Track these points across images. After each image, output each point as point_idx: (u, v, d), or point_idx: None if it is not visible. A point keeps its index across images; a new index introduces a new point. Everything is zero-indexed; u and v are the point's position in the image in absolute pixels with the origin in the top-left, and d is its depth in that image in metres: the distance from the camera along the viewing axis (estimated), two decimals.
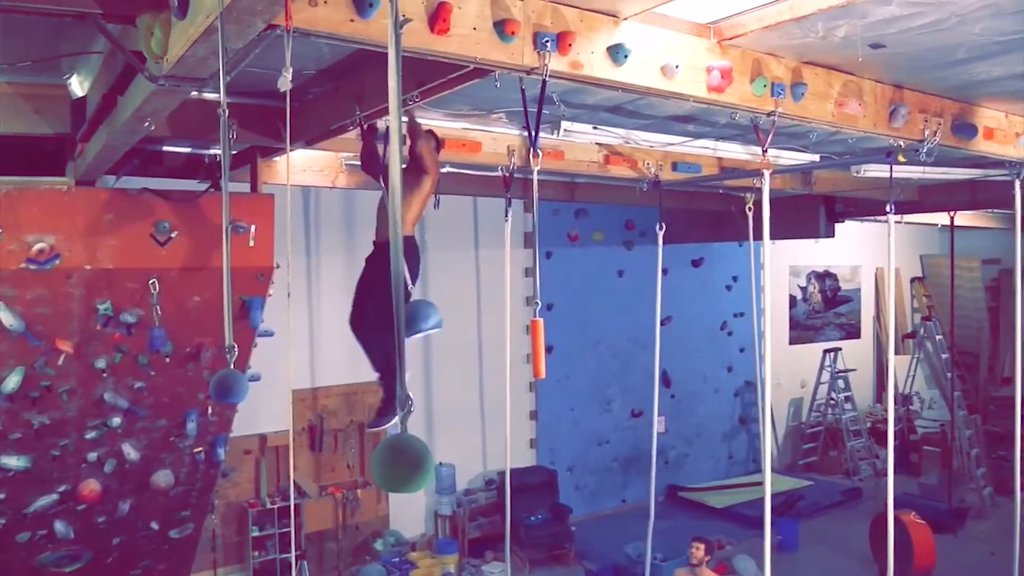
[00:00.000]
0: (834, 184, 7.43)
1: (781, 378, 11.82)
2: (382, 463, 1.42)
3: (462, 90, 3.65)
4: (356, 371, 7.95)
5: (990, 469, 10.21)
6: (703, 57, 3.37)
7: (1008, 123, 5.01)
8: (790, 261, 11.98)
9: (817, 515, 9.85)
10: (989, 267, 13.38)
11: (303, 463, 8.18)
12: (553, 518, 8.93)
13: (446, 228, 8.61)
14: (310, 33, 2.50)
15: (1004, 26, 3.31)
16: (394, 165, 1.43)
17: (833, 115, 3.97)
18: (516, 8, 2.84)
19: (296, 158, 5.74)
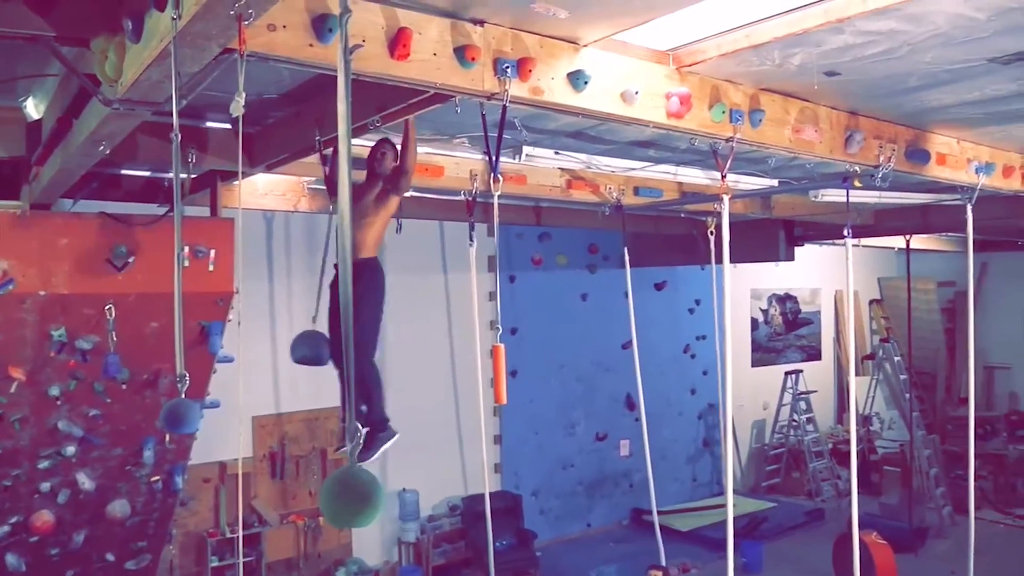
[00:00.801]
0: (793, 208, 7.55)
1: (744, 400, 11.91)
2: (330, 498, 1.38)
3: (424, 115, 3.67)
4: (318, 397, 7.87)
5: (949, 488, 10.35)
6: (662, 83, 3.42)
7: (960, 149, 5.13)
8: (752, 284, 12.11)
9: (781, 537, 9.89)
10: (944, 289, 13.64)
11: (264, 491, 8.04)
12: (518, 543, 8.87)
13: (412, 252, 8.58)
14: (269, 57, 2.49)
15: (953, 55, 3.40)
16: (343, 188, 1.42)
17: (790, 141, 4.04)
18: (476, 34, 2.86)
19: (258, 182, 5.70)
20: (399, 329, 8.71)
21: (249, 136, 4.71)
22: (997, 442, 11.60)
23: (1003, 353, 13.40)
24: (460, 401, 9.00)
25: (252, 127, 4.65)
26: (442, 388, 9.03)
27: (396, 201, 4.05)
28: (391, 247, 8.30)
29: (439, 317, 8.98)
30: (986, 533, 9.47)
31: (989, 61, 3.49)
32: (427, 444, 8.93)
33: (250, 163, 4.72)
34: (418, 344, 8.83)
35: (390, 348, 8.65)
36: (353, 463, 1.40)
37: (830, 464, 11.77)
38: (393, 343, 8.67)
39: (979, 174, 5.21)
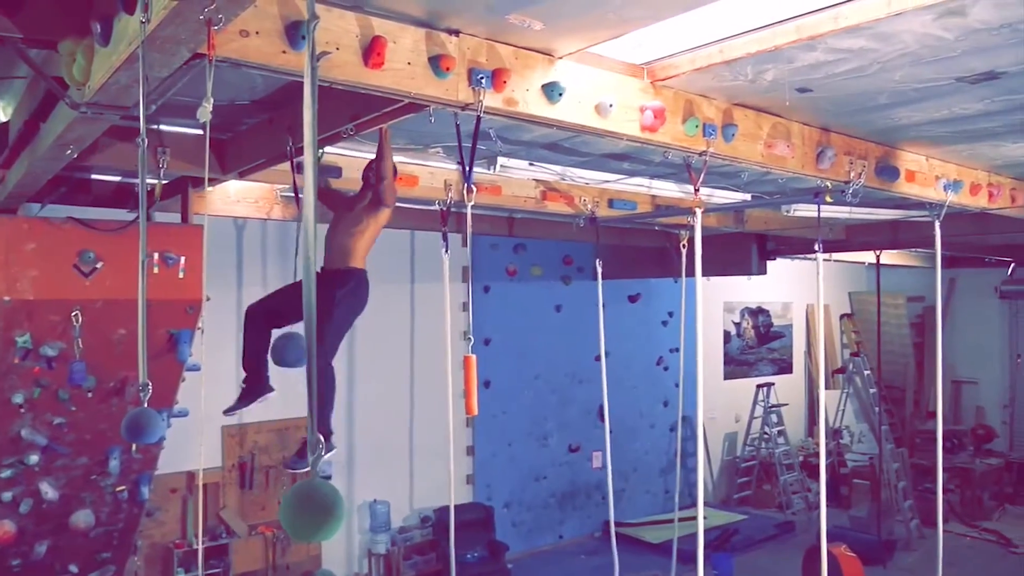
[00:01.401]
0: (766, 223, 7.62)
1: (716, 412, 11.96)
2: (291, 511, 1.35)
3: (398, 124, 3.66)
4: (288, 407, 7.78)
5: (917, 501, 10.45)
6: (637, 97, 3.43)
7: (928, 166, 5.20)
8: (724, 297, 12.19)
9: (751, 549, 9.93)
10: (914, 304, 13.83)
11: (233, 501, 7.94)
12: (489, 556, 8.83)
13: (384, 262, 8.54)
14: (241, 64, 2.47)
15: (922, 74, 3.45)
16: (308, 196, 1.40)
17: (763, 156, 4.07)
18: (451, 44, 2.86)
19: (230, 189, 5.66)
20: (370, 339, 8.67)
21: (221, 142, 4.67)
22: (964, 456, 11.76)
23: (970, 368, 13.61)
24: (432, 412, 8.95)
25: (225, 133, 4.61)
26: (414, 398, 8.99)
27: (386, 212, 4.07)
28: None
29: (410, 327, 8.94)
30: (953, 546, 9.59)
31: (957, 80, 3.54)
32: (399, 455, 8.89)
33: (222, 170, 4.68)
34: (390, 354, 8.79)
35: (361, 358, 8.61)
36: (314, 475, 1.37)
37: (801, 477, 11.84)
38: (365, 353, 8.63)
39: (947, 191, 5.28)
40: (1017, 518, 11.19)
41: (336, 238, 4.11)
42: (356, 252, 4.10)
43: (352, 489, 8.59)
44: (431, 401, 8.92)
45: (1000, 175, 5.85)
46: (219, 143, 4.67)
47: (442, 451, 7.45)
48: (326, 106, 3.52)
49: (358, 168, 4.94)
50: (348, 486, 8.55)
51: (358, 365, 8.58)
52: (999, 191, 5.81)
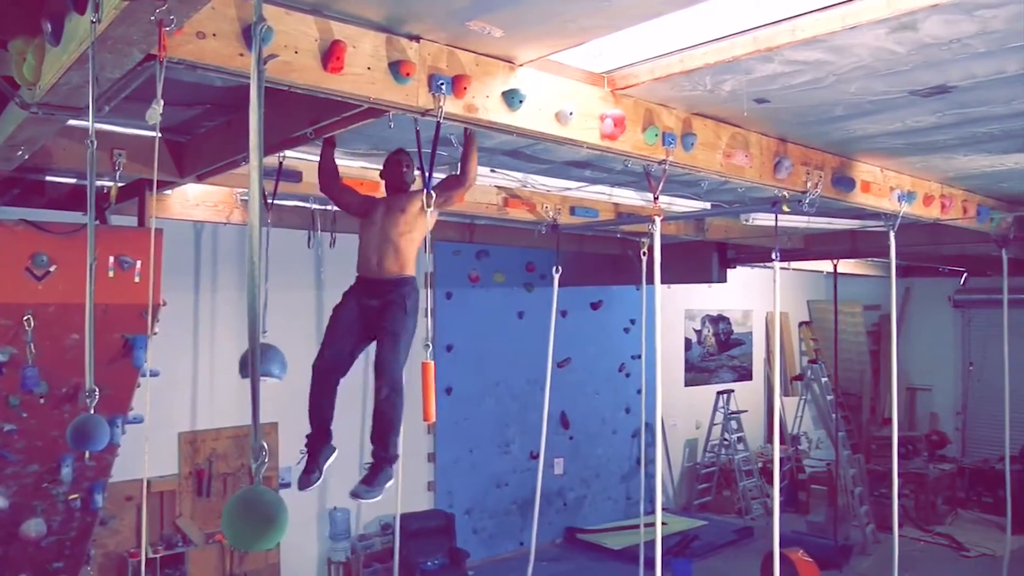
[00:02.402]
0: (726, 231, 7.70)
1: (677, 419, 12.05)
2: (232, 518, 1.33)
3: (360, 129, 3.64)
4: (247, 413, 7.70)
5: (872, 506, 10.61)
6: (597, 105, 3.45)
7: (883, 177, 5.30)
8: (686, 305, 12.28)
9: (711, 554, 10.00)
10: (870, 312, 14.06)
11: (189, 509, 7.82)
12: (450, 563, 8.79)
13: (346, 267, 8.49)
14: (197, 66, 2.44)
15: (876, 87, 3.52)
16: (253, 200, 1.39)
17: (721, 165, 4.12)
18: (412, 50, 2.85)
19: (189, 192, 5.58)
20: None
21: (179, 145, 4.61)
22: (918, 461, 11.96)
23: (924, 375, 13.86)
24: None
25: (183, 136, 4.55)
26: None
27: (434, 217, 3.84)
28: (327, 262, 8.23)
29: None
30: (907, 550, 9.73)
31: (910, 94, 3.61)
32: (360, 461, 8.81)
33: (179, 172, 4.62)
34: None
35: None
36: (258, 482, 1.35)
37: (760, 482, 11.97)
38: None
39: (901, 202, 5.37)
40: (969, 522, 11.41)
41: (388, 242, 3.85)
42: (413, 258, 3.93)
43: (314, 496, 8.50)
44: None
45: (952, 187, 5.97)
46: (177, 146, 4.61)
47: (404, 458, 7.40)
48: (286, 110, 3.51)
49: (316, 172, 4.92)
50: (310, 493, 8.46)
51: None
52: (951, 202, 5.93)
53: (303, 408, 8.93)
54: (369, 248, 3.94)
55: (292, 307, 8.17)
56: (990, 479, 11.56)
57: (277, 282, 5.01)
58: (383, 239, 3.86)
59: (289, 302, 8.14)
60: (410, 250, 3.87)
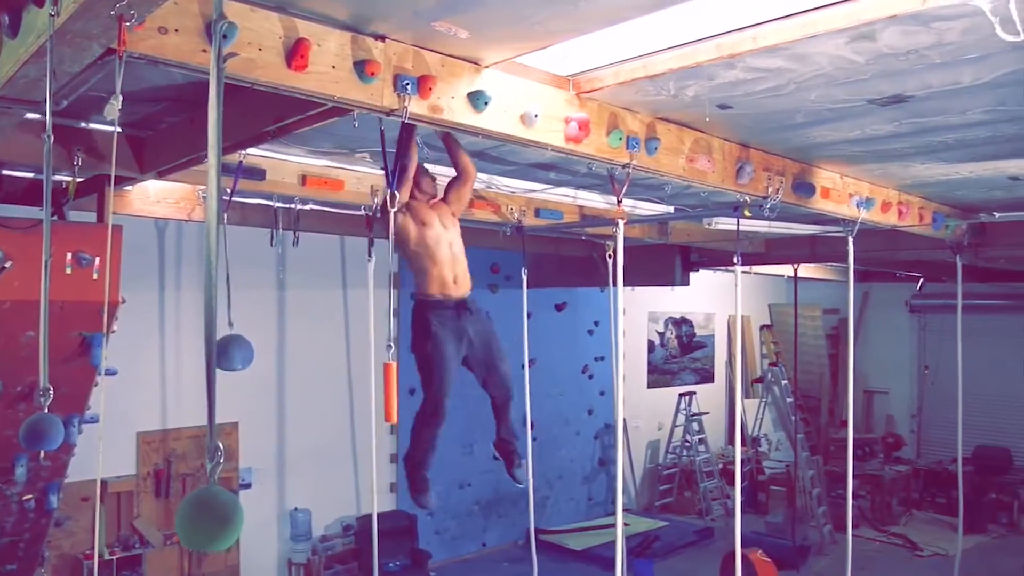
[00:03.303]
0: (689, 235, 7.77)
1: (639, 421, 12.13)
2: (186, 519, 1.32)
3: (325, 128, 3.62)
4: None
5: (830, 507, 10.78)
6: (562, 108, 3.47)
7: (842, 184, 5.39)
8: (649, 307, 12.38)
9: (672, 555, 10.09)
10: (830, 316, 14.27)
11: (148, 510, 7.71)
12: (412, 564, 8.77)
13: (311, 267, 8.45)
14: (158, 61, 2.41)
15: (836, 95, 3.58)
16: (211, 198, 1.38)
17: (685, 169, 4.16)
18: (377, 49, 2.84)
19: (150, 188, 5.50)
20: (297, 345, 8.55)
21: (140, 141, 4.55)
22: (875, 463, 12.18)
23: (882, 378, 14.11)
24: (356, 419, 8.87)
25: (144, 131, 4.49)
26: (338, 405, 8.89)
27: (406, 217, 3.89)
28: (291, 262, 8.18)
29: (337, 334, 8.85)
30: (863, 550, 9.91)
31: (868, 102, 3.68)
32: (321, 462, 8.77)
33: (140, 169, 4.55)
34: (315, 360, 8.68)
35: (289, 365, 8.48)
36: (213, 482, 1.34)
37: (720, 484, 12.10)
38: (292, 360, 8.50)
39: (860, 208, 5.47)
40: (923, 523, 11.65)
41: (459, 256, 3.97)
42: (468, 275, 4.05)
43: (275, 497, 8.44)
44: (356, 409, 8.84)
45: (910, 194, 6.09)
46: (138, 141, 4.55)
47: (366, 458, 7.40)
48: (250, 107, 3.49)
49: (281, 170, 4.89)
50: (271, 494, 8.41)
51: (285, 372, 8.45)
52: (908, 209, 6.05)
53: (264, 408, 8.88)
54: (444, 266, 3.89)
55: (254, 306, 8.10)
56: (944, 480, 11.81)
57: (240, 281, 4.97)
58: (454, 252, 3.93)
59: (251, 301, 8.07)
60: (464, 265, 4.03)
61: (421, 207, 3.93)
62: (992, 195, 6.09)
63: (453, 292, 3.90)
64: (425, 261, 3.81)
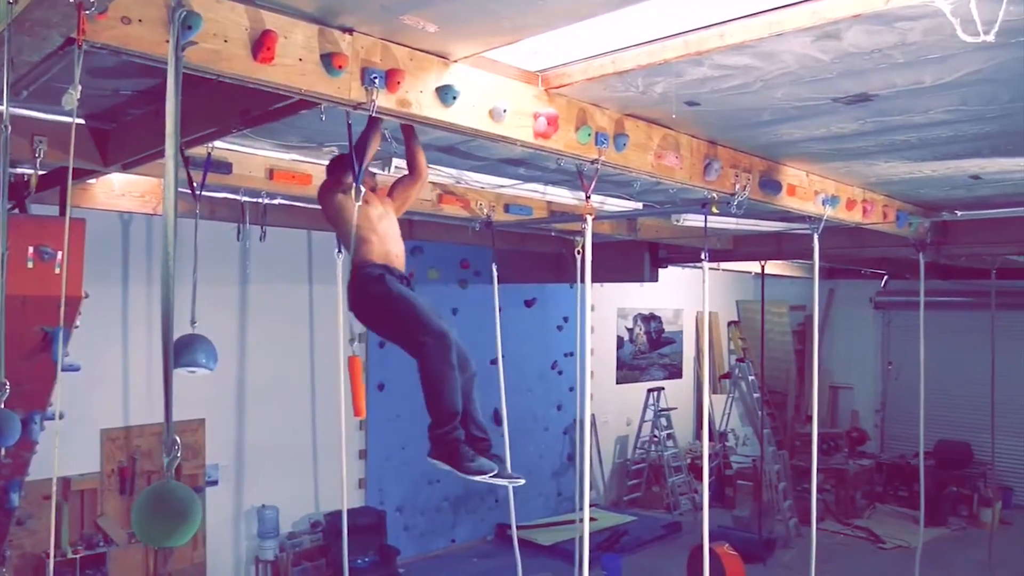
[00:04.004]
0: (657, 231, 7.82)
1: (608, 416, 12.20)
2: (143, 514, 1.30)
3: (292, 121, 3.59)
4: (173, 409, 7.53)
5: (796, 501, 10.92)
6: (531, 103, 3.47)
7: (809, 181, 5.44)
8: (618, 303, 12.44)
9: (640, 549, 10.16)
10: (796, 313, 14.45)
11: (112, 508, 7.60)
12: (380, 561, 8.74)
13: (277, 261, 8.38)
14: (121, 51, 2.37)
15: (801, 93, 3.61)
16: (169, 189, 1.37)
17: (653, 166, 4.18)
18: (345, 42, 2.82)
19: (114, 182, 5.43)
20: (264, 341, 8.48)
21: (104, 133, 4.48)
22: (839, 457, 12.34)
23: (847, 374, 14.32)
24: (323, 415, 8.81)
25: (109, 123, 4.42)
26: (306, 402, 8.83)
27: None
28: (257, 257, 8.11)
29: (304, 329, 8.78)
30: (828, 543, 10.05)
31: (833, 101, 3.72)
32: (289, 459, 8.71)
33: (104, 161, 4.48)
34: (283, 356, 8.61)
35: (253, 360, 8.41)
36: (169, 478, 1.33)
37: (688, 478, 12.20)
38: (257, 355, 8.43)
39: (825, 206, 5.53)
40: (886, 516, 11.84)
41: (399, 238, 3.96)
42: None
43: (242, 494, 8.37)
44: (324, 404, 8.79)
45: (874, 192, 6.17)
46: (102, 133, 4.47)
47: (334, 455, 7.35)
48: (216, 100, 3.45)
49: (248, 164, 4.85)
50: (237, 491, 8.34)
51: (252, 369, 8.38)
52: (872, 207, 6.13)
53: (231, 404, 8.80)
54: (388, 240, 3.85)
55: (220, 302, 8.02)
56: (906, 474, 12.01)
57: (205, 275, 4.92)
58: (396, 234, 3.89)
59: (217, 297, 8.00)
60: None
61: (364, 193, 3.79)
62: (954, 194, 6.19)
63: (396, 264, 3.85)
64: (368, 233, 3.73)
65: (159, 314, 5.89)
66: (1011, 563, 9.58)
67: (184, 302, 4.76)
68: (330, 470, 8.86)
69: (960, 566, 9.67)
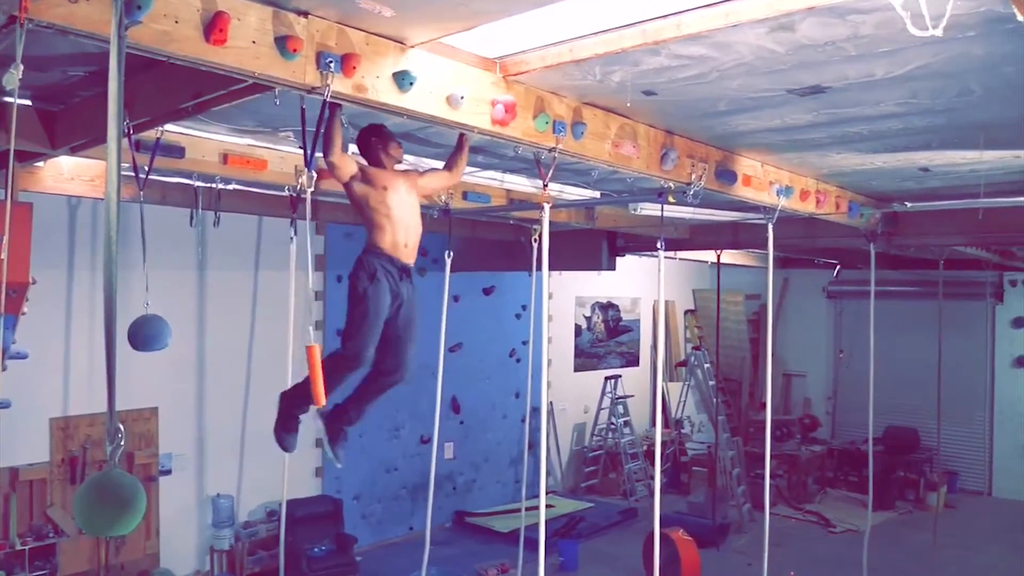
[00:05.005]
0: (615, 220, 7.86)
1: (566, 404, 12.27)
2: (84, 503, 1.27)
3: (247, 105, 3.54)
4: (126, 397, 7.39)
5: (749, 487, 11.10)
6: (488, 90, 3.46)
7: (763, 172, 5.51)
8: (576, 292, 12.50)
9: (596, 535, 10.25)
10: (751, 302, 14.65)
11: (62, 498, 7.46)
12: (337, 549, 8.70)
13: (232, 248, 8.27)
14: (68, 31, 2.32)
15: (756, 84, 3.65)
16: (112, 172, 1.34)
17: (610, 155, 4.19)
18: (300, 25, 2.79)
19: (63, 165, 5.30)
20: (219, 328, 8.37)
21: (52, 114, 4.37)
22: (792, 444, 12.57)
23: (800, 362, 14.56)
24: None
25: (56, 105, 4.32)
26: (261, 389, 8.73)
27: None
28: (212, 242, 7.99)
29: (260, 316, 8.68)
30: (780, 527, 10.25)
31: (788, 92, 3.77)
32: (244, 447, 8.62)
33: (51, 144, 4.38)
34: (238, 343, 8.51)
35: (209, 347, 8.30)
36: (113, 466, 1.30)
37: (645, 465, 12.33)
38: (212, 342, 8.32)
39: (780, 196, 5.61)
40: (836, 500, 12.10)
41: (415, 226, 4.02)
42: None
43: (197, 483, 8.27)
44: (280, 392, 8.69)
45: (827, 183, 6.27)
46: (49, 115, 4.37)
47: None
48: (167, 82, 3.38)
49: (202, 148, 4.77)
50: (192, 480, 8.23)
51: (207, 356, 8.27)
52: (825, 198, 6.23)
53: (185, 392, 8.68)
54: (399, 228, 3.89)
55: (174, 288, 7.90)
56: (856, 459, 12.28)
57: (157, 261, 4.84)
58: (412, 221, 3.96)
59: (171, 282, 7.87)
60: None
61: (385, 173, 3.91)
62: (904, 185, 6.31)
63: (402, 255, 3.98)
64: (382, 218, 3.86)
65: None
66: (954, 545, 9.87)
67: (136, 289, 4.68)
68: (286, 458, 8.78)
69: (906, 548, 9.93)
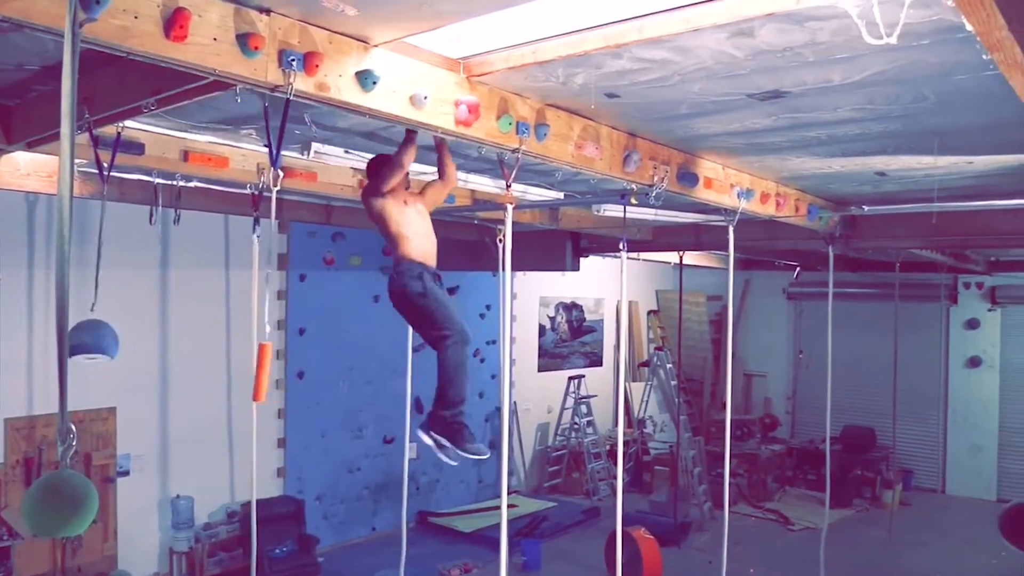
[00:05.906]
0: (579, 221, 7.90)
1: (530, 404, 12.30)
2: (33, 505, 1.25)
3: (208, 102, 3.51)
4: (83, 397, 7.29)
5: (710, 486, 11.22)
6: (452, 91, 3.47)
7: (724, 175, 5.58)
8: (540, 292, 12.54)
9: (559, 535, 10.30)
10: (714, 303, 14.81)
11: (16, 500, 7.31)
12: (299, 549, 8.64)
13: (193, 246, 8.18)
14: (24, 24, 2.28)
15: (717, 88, 3.70)
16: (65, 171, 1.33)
17: (573, 156, 4.22)
18: (261, 23, 2.77)
19: (19, 161, 5.20)
20: (179, 327, 8.27)
21: (7, 109, 4.30)
22: (752, 443, 12.73)
23: (760, 362, 14.76)
24: (241, 403, 8.65)
25: (12, 100, 4.24)
26: (222, 389, 8.65)
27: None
28: (174, 241, 7.89)
29: (220, 315, 8.60)
30: (740, 525, 10.39)
31: (748, 96, 3.82)
32: (204, 448, 8.52)
33: (7, 139, 4.30)
34: (198, 343, 8.42)
35: (169, 347, 8.20)
36: (64, 467, 1.29)
37: (607, 465, 12.40)
38: (175, 341, 8.23)
39: (740, 199, 5.68)
40: (795, 498, 12.28)
41: (434, 236, 4.40)
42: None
43: (156, 484, 8.16)
44: (241, 392, 8.63)
45: (787, 186, 6.37)
46: (5, 110, 4.30)
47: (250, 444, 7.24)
48: (126, 78, 3.34)
49: (162, 145, 4.72)
50: (151, 481, 8.12)
51: (167, 355, 8.16)
52: (785, 201, 6.32)
53: (144, 392, 8.57)
54: (427, 238, 4.33)
55: (134, 286, 7.79)
56: (815, 458, 12.47)
57: (117, 260, 4.77)
58: (429, 231, 4.35)
59: (131, 281, 7.77)
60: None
61: (401, 193, 4.35)
62: (861, 189, 6.43)
63: (430, 262, 4.32)
64: (407, 230, 4.24)
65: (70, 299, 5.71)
66: (909, 541, 10.08)
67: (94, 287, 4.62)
68: (247, 459, 8.71)
69: (862, 545, 10.12)
